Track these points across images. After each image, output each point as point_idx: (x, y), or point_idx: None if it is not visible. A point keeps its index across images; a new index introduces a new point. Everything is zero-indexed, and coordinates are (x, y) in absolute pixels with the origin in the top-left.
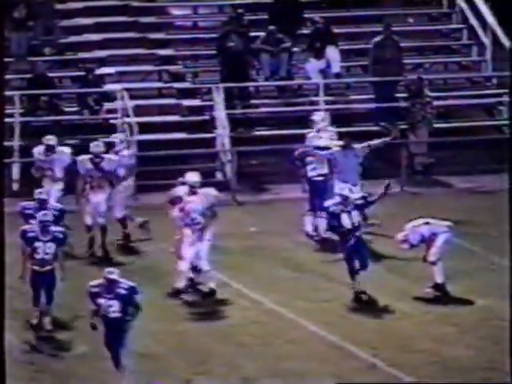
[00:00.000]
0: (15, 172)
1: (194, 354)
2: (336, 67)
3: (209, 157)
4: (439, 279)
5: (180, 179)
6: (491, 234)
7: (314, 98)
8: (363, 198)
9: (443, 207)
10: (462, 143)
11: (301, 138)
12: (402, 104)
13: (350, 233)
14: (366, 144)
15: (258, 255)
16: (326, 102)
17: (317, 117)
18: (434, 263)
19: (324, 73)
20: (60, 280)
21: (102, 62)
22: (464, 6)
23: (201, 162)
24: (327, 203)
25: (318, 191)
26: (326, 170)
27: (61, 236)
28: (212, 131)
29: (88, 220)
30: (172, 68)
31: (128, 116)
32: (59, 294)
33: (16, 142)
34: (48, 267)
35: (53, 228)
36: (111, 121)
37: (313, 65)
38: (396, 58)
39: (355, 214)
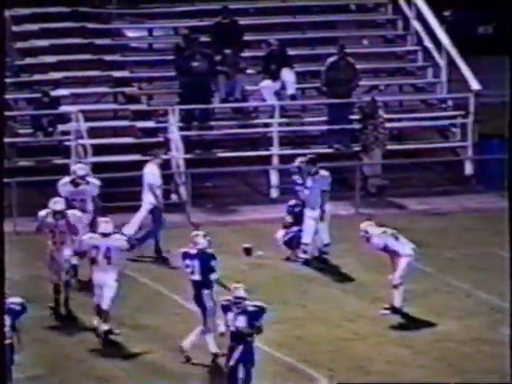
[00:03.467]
0: None
1: (145, 371)
2: (291, 89)
3: (163, 178)
4: (397, 303)
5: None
6: (445, 255)
7: (269, 120)
8: (257, 306)
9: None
10: (416, 165)
11: (255, 160)
12: (356, 126)
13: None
14: None
15: None
16: (281, 124)
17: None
18: (396, 287)
19: (279, 94)
20: (17, 353)
21: (57, 83)
22: (419, 27)
23: None
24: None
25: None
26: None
27: (17, 308)
28: (166, 153)
29: (55, 278)
30: (127, 90)
31: (82, 138)
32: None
33: None
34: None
35: (9, 299)
36: (65, 143)
37: (268, 86)
38: (350, 79)
39: (242, 320)
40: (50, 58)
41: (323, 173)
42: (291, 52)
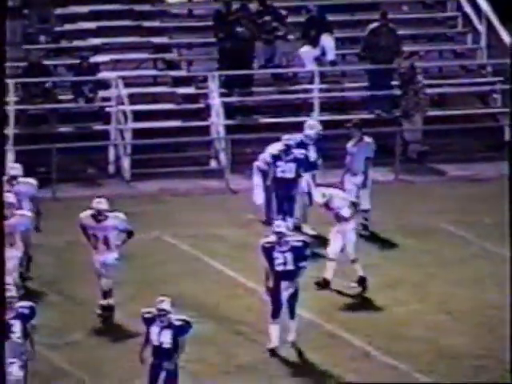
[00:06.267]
0: (10, 159)
1: (189, 341)
2: (331, 55)
3: (203, 145)
4: (361, 272)
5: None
6: (485, 221)
7: (309, 86)
8: (183, 320)
9: (437, 195)
10: (456, 131)
11: (295, 126)
12: (396, 91)
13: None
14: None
15: (252, 243)
16: (321, 90)
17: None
18: (354, 261)
19: (319, 61)
20: (29, 359)
21: (97, 49)
22: None
23: (195, 150)
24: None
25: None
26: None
27: (27, 312)
28: (206, 119)
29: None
30: (167, 56)
31: (123, 104)
32: None
33: (11, 130)
34: None
35: (18, 303)
36: (106, 109)
37: (308, 53)
38: (391, 45)
39: (166, 334)
40: (90, 24)
41: (367, 139)
42: (331, 18)
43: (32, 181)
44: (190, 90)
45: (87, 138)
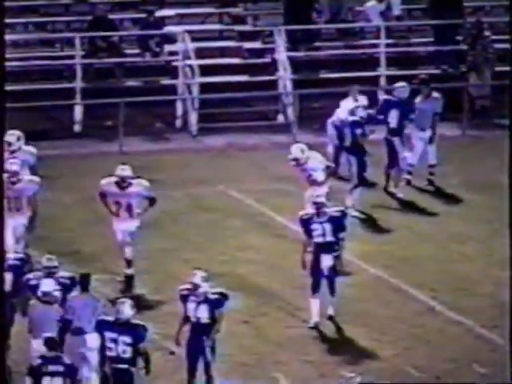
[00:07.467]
0: (77, 113)
1: (254, 295)
2: (397, 10)
3: (270, 99)
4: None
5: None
6: None
7: (375, 41)
8: (219, 293)
9: (504, 150)
10: None
11: (361, 81)
12: (462, 47)
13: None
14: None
15: None
16: (387, 45)
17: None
18: None
19: (385, 15)
20: None
21: (162, 3)
22: None
23: (262, 105)
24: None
25: None
26: None
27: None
28: (274, 74)
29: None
30: (232, 10)
31: (189, 58)
32: None
33: (78, 84)
34: None
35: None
36: (173, 63)
37: (374, 7)
38: (455, 0)
39: (203, 309)
40: None
41: (435, 95)
42: None
43: (32, 149)
44: (257, 45)
45: (154, 92)
